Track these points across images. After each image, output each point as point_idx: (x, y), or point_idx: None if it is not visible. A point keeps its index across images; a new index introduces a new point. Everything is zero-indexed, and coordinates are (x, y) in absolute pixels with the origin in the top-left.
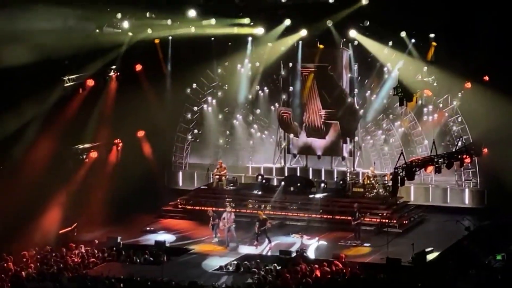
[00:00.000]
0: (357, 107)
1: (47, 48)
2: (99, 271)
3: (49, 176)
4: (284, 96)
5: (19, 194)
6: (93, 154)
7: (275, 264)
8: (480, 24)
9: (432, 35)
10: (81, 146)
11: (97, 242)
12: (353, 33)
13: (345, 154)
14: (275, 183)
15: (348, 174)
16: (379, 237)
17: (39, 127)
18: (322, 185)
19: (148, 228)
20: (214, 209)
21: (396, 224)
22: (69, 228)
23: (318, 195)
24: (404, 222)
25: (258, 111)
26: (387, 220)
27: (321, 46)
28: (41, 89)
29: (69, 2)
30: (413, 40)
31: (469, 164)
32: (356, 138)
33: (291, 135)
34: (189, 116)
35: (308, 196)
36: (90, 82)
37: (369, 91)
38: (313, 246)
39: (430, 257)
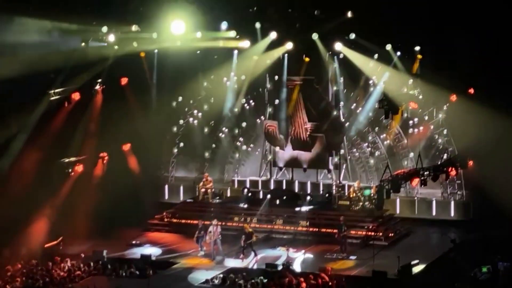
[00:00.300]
0: (343, 120)
1: (33, 62)
2: (84, 285)
3: (35, 189)
4: (269, 109)
5: (4, 207)
6: (79, 168)
7: (261, 277)
8: (464, 37)
9: (417, 48)
10: (66, 160)
11: (83, 255)
12: (338, 46)
13: (331, 167)
14: (261, 196)
15: (334, 187)
16: (365, 250)
17: (25, 140)
18: (308, 198)
19: (134, 242)
20: (202, 222)
21: (382, 237)
22: (55, 242)
23: (304, 208)
24: (390, 235)
25: (244, 124)
26: (373, 233)
27: (307, 59)
28: (27, 102)
29: (55, 16)
30: (398, 53)
31: (455, 177)
32: (342, 151)
33: (277, 148)
34: (175, 129)
35: (294, 209)
36: (76, 96)
37: (354, 104)
38: (299, 259)
39: (416, 269)
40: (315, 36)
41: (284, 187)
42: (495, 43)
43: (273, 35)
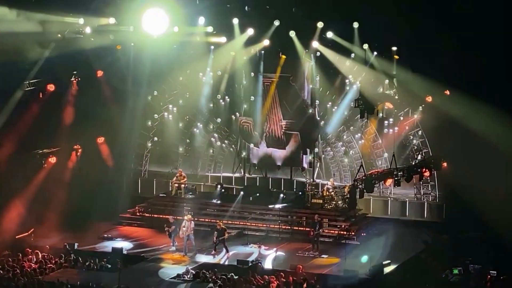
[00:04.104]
0: (318, 119)
1: (8, 51)
2: (54, 277)
3: (7, 180)
4: (245, 106)
5: None
6: (52, 159)
7: (232, 274)
8: (441, 38)
9: (394, 48)
10: (40, 151)
11: (48, 247)
12: (315, 44)
13: (305, 165)
14: (234, 192)
15: (307, 185)
16: (337, 249)
17: None
18: (281, 195)
19: (105, 235)
20: (174, 216)
21: (354, 236)
22: (26, 233)
23: (277, 206)
24: (362, 234)
25: (218, 120)
26: (345, 232)
27: (284, 57)
28: (0, 92)
29: (32, 7)
30: (375, 53)
31: (428, 178)
32: (316, 150)
33: (251, 145)
34: (149, 123)
35: (267, 206)
36: (51, 87)
37: (330, 103)
38: (271, 256)
39: (387, 269)
40: (292, 33)
41: (257, 184)
42: (471, 44)
43: (250, 31)
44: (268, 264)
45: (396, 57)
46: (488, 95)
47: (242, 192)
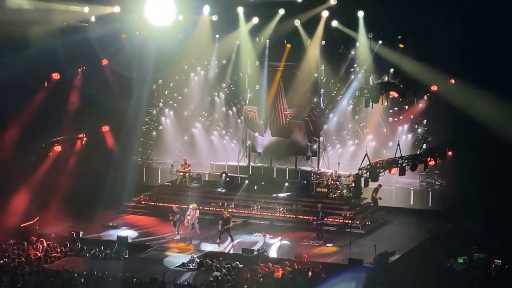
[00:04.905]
0: (323, 107)
1: (13, 40)
2: (60, 265)
3: (12, 169)
4: (250, 95)
5: None
6: (57, 148)
7: (237, 262)
8: (446, 27)
9: (399, 37)
10: (45, 140)
11: (53, 235)
12: (320, 33)
13: (310, 154)
14: (239, 181)
15: (312, 174)
16: (341, 238)
17: (3, 120)
18: (286, 184)
19: (110, 224)
20: (178, 205)
21: (359, 225)
22: (31, 222)
23: (281, 194)
24: (367, 223)
25: (223, 108)
26: (350, 221)
27: (289, 45)
28: (6, 81)
29: None
30: (380, 42)
31: (433, 167)
32: (321, 138)
33: (256, 134)
34: (154, 112)
35: (271, 195)
36: (56, 75)
37: (335, 92)
38: (275, 245)
39: (392, 258)
40: (297, 22)
41: (262, 172)
42: (476, 33)
43: (255, 20)
44: (273, 253)
45: (401, 46)
46: (492, 84)
47: (247, 181)
